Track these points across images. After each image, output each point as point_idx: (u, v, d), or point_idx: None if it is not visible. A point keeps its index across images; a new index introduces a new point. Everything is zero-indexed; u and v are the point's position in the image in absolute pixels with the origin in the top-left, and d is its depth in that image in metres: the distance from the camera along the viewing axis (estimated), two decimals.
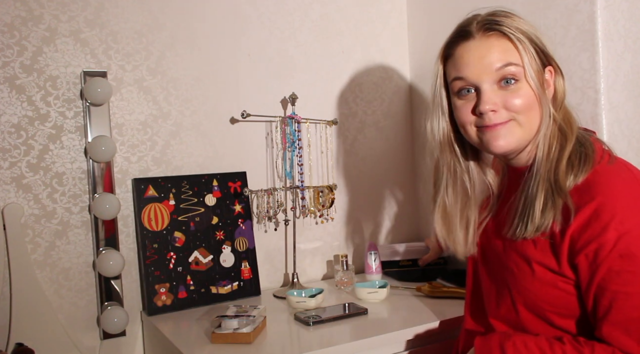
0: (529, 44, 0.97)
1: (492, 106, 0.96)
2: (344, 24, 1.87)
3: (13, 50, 1.40)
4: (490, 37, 0.97)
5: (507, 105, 0.97)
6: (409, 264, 1.69)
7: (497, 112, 0.97)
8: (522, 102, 0.96)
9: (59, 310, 1.44)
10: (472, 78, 0.98)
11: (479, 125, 0.99)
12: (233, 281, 1.59)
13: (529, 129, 0.98)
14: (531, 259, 0.98)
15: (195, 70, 1.63)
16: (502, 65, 0.96)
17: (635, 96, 1.33)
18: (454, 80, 1.01)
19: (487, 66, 0.96)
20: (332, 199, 1.68)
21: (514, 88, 0.97)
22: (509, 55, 0.96)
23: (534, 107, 0.98)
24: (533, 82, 0.97)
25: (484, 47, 0.97)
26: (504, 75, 0.96)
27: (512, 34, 0.97)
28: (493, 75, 0.97)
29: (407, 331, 1.26)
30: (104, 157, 1.44)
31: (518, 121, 0.98)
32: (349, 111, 1.87)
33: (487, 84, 0.97)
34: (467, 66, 0.98)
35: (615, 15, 1.33)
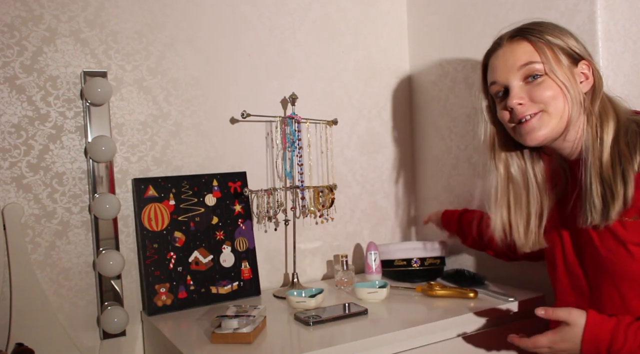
0: (551, 45, 1.08)
1: (519, 99, 1.08)
2: (344, 24, 1.87)
3: (13, 50, 1.41)
4: (514, 43, 1.11)
5: (533, 97, 1.08)
6: (409, 265, 1.69)
7: (524, 105, 1.08)
8: (546, 93, 1.07)
9: (59, 310, 1.44)
10: (501, 80, 1.12)
11: (514, 121, 1.11)
12: (233, 281, 1.59)
13: (559, 118, 1.07)
14: (626, 241, 1.02)
15: (195, 70, 1.63)
16: (524, 63, 1.08)
17: (635, 96, 1.33)
18: (491, 85, 1.15)
19: (512, 66, 1.10)
20: (332, 199, 1.68)
21: (538, 81, 1.08)
22: (531, 55, 1.08)
23: (560, 98, 1.07)
24: (557, 75, 1.06)
25: (509, 51, 1.11)
26: (528, 72, 1.08)
27: (532, 37, 1.09)
28: (517, 73, 1.09)
29: (407, 331, 1.26)
30: (104, 157, 1.44)
31: (547, 111, 1.07)
32: (349, 110, 1.87)
33: (514, 82, 1.10)
34: (497, 70, 1.13)
35: (615, 15, 1.33)
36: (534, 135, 1.09)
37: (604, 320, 1.04)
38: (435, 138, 1.89)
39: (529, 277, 1.54)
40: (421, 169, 1.96)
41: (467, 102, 1.74)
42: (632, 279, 1.05)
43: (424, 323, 1.28)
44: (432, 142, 1.90)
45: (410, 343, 1.27)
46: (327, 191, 1.68)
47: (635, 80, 1.33)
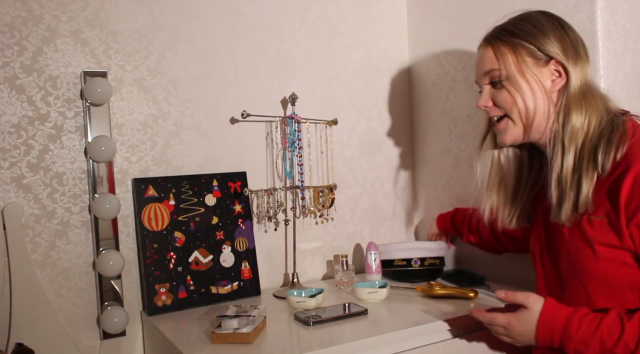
0: (516, 49, 1.10)
1: (484, 102, 1.16)
2: (344, 24, 1.87)
3: (13, 50, 1.41)
4: (482, 48, 1.17)
5: (496, 102, 1.15)
6: (409, 265, 1.69)
7: (489, 108, 1.16)
8: (504, 98, 1.13)
9: (59, 310, 1.44)
10: (477, 81, 1.20)
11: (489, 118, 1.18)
12: (233, 281, 1.59)
13: (523, 121, 1.12)
14: (593, 241, 1.04)
15: (195, 70, 1.63)
16: (486, 71, 1.15)
17: (635, 96, 1.33)
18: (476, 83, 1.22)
19: (480, 71, 1.17)
20: (332, 199, 1.68)
21: (499, 88, 1.14)
22: (491, 63, 1.14)
23: (520, 102, 1.11)
24: (517, 81, 1.10)
25: (479, 56, 1.18)
26: (490, 78, 1.15)
27: (498, 41, 1.13)
28: (484, 78, 1.16)
29: (407, 331, 1.26)
30: (104, 157, 1.44)
31: (510, 116, 1.13)
32: (349, 111, 1.87)
33: (484, 86, 1.18)
34: (475, 72, 1.21)
35: (615, 15, 1.33)
36: (501, 138, 1.17)
37: (561, 308, 1.05)
38: (435, 138, 1.89)
39: (529, 277, 1.54)
40: (421, 169, 1.96)
41: (467, 102, 1.74)
42: (597, 278, 1.06)
43: (424, 323, 1.28)
44: (432, 142, 1.90)
45: (410, 343, 1.27)
46: (327, 191, 1.68)
47: (635, 80, 1.33)
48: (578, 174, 1.03)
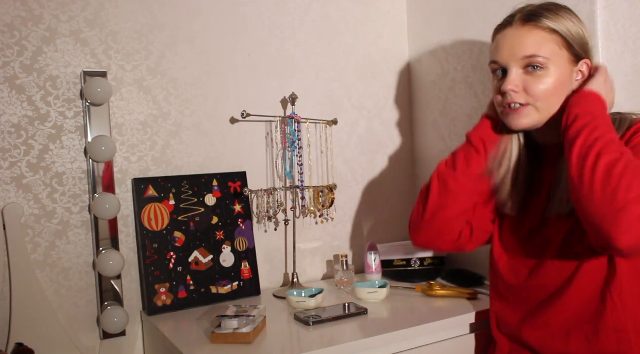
0: (561, 39, 1.09)
1: (514, 87, 1.09)
2: (344, 24, 1.87)
3: (13, 50, 1.40)
4: (525, 27, 1.10)
5: (528, 89, 1.09)
6: (409, 265, 1.69)
7: (518, 93, 1.10)
8: (542, 88, 1.08)
9: (59, 310, 1.44)
10: (502, 62, 1.12)
11: (503, 105, 1.13)
12: (233, 281, 1.59)
13: (547, 114, 1.10)
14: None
15: (195, 70, 1.63)
16: (529, 55, 1.08)
17: (635, 96, 1.33)
18: (490, 63, 1.16)
19: (516, 53, 1.09)
20: (332, 199, 1.68)
21: (539, 75, 1.08)
22: (538, 48, 1.08)
23: (554, 95, 1.09)
24: (557, 73, 1.08)
25: (518, 35, 1.10)
26: (530, 63, 1.08)
27: (546, 24, 1.08)
28: (520, 61, 1.09)
29: (407, 331, 1.26)
30: (104, 157, 1.44)
31: (536, 107, 1.10)
32: (349, 111, 1.87)
33: (514, 68, 1.10)
34: (500, 51, 1.12)
35: (615, 15, 1.33)
36: (517, 122, 1.12)
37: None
38: (435, 138, 1.89)
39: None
40: (421, 169, 1.96)
41: (467, 102, 1.74)
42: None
43: (424, 323, 1.28)
44: (432, 142, 1.90)
45: (410, 343, 1.27)
46: (327, 191, 1.68)
47: (635, 80, 1.33)
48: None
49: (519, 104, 1.10)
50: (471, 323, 1.34)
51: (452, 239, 1.27)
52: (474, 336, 1.35)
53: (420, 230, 1.28)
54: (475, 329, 1.35)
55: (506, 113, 1.14)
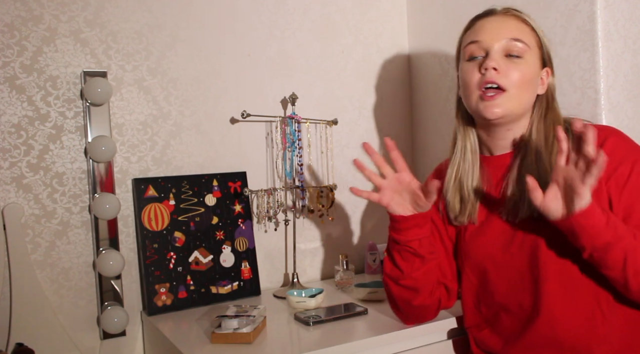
0: (537, 38, 1.13)
1: (496, 64, 1.08)
2: (344, 24, 1.87)
3: (13, 50, 1.41)
4: (509, 16, 1.13)
5: (507, 73, 1.08)
6: None
7: (499, 73, 1.08)
8: (519, 75, 1.08)
9: (59, 310, 1.44)
10: (484, 42, 1.11)
11: (481, 84, 1.09)
12: (233, 281, 1.59)
13: (518, 104, 1.10)
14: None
15: (195, 71, 1.63)
16: (514, 38, 1.10)
17: (635, 96, 1.33)
18: (468, 44, 1.14)
19: (500, 35, 1.10)
20: (332, 199, 1.68)
21: (517, 61, 1.09)
22: (521, 34, 1.10)
23: (527, 86, 1.10)
24: (531, 66, 1.10)
25: (502, 20, 1.12)
26: (512, 48, 1.09)
27: (528, 20, 1.13)
28: (503, 44, 1.10)
29: (407, 331, 1.26)
30: (104, 157, 1.44)
31: (512, 93, 1.09)
32: (349, 110, 1.87)
33: (496, 49, 1.10)
34: (483, 33, 1.12)
35: (615, 15, 1.33)
36: (492, 110, 1.09)
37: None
38: (435, 138, 1.89)
39: None
40: (421, 169, 1.96)
41: None
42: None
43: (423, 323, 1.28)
44: (432, 142, 1.90)
45: (410, 343, 1.27)
46: (327, 191, 1.68)
47: (635, 80, 1.33)
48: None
49: (497, 87, 1.08)
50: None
51: (434, 310, 1.25)
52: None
53: (405, 320, 1.27)
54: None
55: (481, 99, 1.10)
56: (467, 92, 1.13)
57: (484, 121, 1.14)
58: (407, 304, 1.22)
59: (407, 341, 1.26)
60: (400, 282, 1.19)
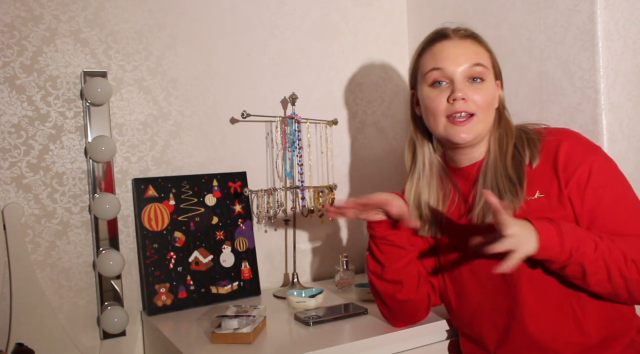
0: (491, 57, 1.17)
1: (463, 94, 1.10)
2: (344, 24, 1.87)
3: (13, 50, 1.41)
4: (466, 40, 1.14)
5: (473, 98, 1.11)
6: None
7: (466, 102, 1.11)
8: (483, 98, 1.11)
9: (59, 310, 1.44)
10: (448, 69, 1.12)
11: (450, 113, 1.12)
12: (233, 281, 1.59)
13: (485, 125, 1.14)
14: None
15: (195, 70, 1.63)
16: (474, 63, 1.12)
17: (635, 96, 1.33)
18: (431, 70, 1.14)
19: (462, 61, 1.11)
20: (332, 199, 1.68)
21: (479, 86, 1.12)
22: (480, 57, 1.13)
23: (490, 107, 1.14)
24: (491, 86, 1.14)
25: (460, 45, 1.13)
26: (473, 73, 1.12)
27: (482, 42, 1.16)
28: (465, 70, 1.11)
29: (407, 331, 1.26)
30: (104, 157, 1.44)
31: (479, 117, 1.12)
32: (349, 110, 1.87)
33: (460, 76, 1.12)
34: (444, 59, 1.12)
35: (615, 15, 1.33)
36: (461, 136, 1.11)
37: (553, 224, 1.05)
38: None
39: None
40: None
41: None
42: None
43: (424, 323, 1.28)
44: None
45: (410, 343, 1.27)
46: (327, 191, 1.68)
47: (635, 80, 1.33)
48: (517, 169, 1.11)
49: (466, 114, 1.11)
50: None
51: (424, 307, 1.26)
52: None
53: (395, 321, 1.27)
54: None
55: (450, 126, 1.12)
56: (434, 119, 1.15)
57: (451, 145, 1.17)
58: (392, 299, 1.22)
59: (406, 341, 1.26)
60: (384, 276, 1.21)
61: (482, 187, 1.13)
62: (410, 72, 1.23)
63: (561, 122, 1.41)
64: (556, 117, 1.42)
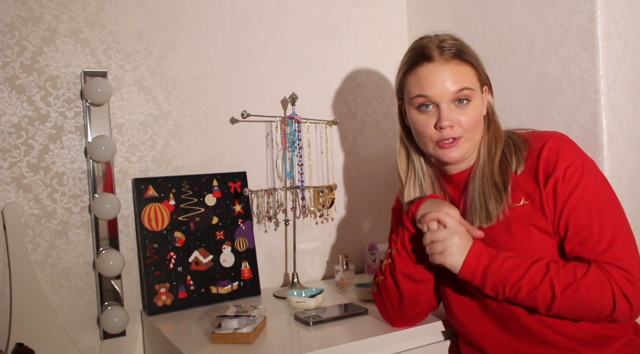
0: (476, 71, 1.16)
1: (450, 122, 1.12)
2: (344, 24, 1.87)
3: (13, 50, 1.41)
4: (450, 63, 1.13)
5: (459, 122, 1.13)
6: None
7: (453, 128, 1.13)
8: (469, 120, 1.13)
9: (59, 310, 1.44)
10: (434, 98, 1.12)
11: (438, 139, 1.14)
12: (233, 281, 1.59)
13: (474, 143, 1.16)
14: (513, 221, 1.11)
15: (195, 70, 1.63)
16: (460, 88, 1.12)
17: (635, 96, 1.33)
18: (417, 97, 1.15)
19: (448, 88, 1.12)
20: (332, 199, 1.68)
21: (465, 107, 1.13)
22: (466, 80, 1.13)
23: (477, 124, 1.15)
24: (477, 103, 1.15)
25: (444, 70, 1.12)
26: (460, 97, 1.12)
27: (467, 59, 1.14)
28: (451, 96, 1.12)
29: (407, 331, 1.26)
30: (104, 157, 1.44)
31: (466, 137, 1.14)
32: (349, 111, 1.87)
33: (446, 104, 1.12)
34: (430, 87, 1.12)
35: (615, 15, 1.33)
36: (451, 155, 1.15)
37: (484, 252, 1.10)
38: None
39: None
40: None
41: None
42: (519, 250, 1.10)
43: (423, 323, 1.28)
44: None
45: (410, 343, 1.27)
46: (327, 191, 1.68)
47: (635, 80, 1.33)
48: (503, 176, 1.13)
49: (452, 139, 1.13)
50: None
51: (428, 308, 1.28)
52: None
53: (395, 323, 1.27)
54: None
55: (439, 147, 1.15)
56: (423, 141, 1.18)
57: (441, 163, 1.20)
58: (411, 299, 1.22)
59: (406, 341, 1.26)
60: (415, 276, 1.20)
61: (471, 194, 1.16)
62: (396, 86, 1.23)
63: (561, 122, 1.41)
64: (556, 117, 1.42)
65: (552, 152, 1.09)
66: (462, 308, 1.20)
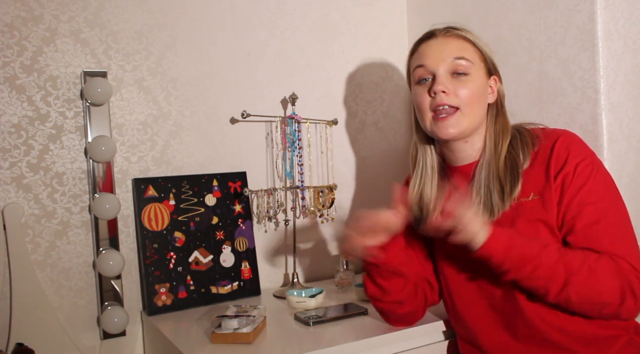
0: (479, 51, 1.16)
1: (444, 87, 1.12)
2: (344, 24, 1.87)
3: (13, 50, 1.41)
4: (450, 37, 1.16)
5: (457, 92, 1.13)
6: None
7: (448, 95, 1.12)
8: (467, 92, 1.13)
9: (59, 310, 1.44)
10: (431, 66, 1.14)
11: (434, 108, 1.14)
12: (233, 281, 1.59)
13: (472, 120, 1.14)
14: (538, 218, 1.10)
15: (195, 70, 1.63)
16: (456, 57, 1.13)
17: (635, 96, 1.33)
18: (416, 68, 1.18)
19: (444, 57, 1.14)
20: (332, 199, 1.68)
21: (464, 80, 1.13)
22: (463, 51, 1.14)
23: (477, 101, 1.14)
24: (478, 80, 1.15)
25: (444, 42, 1.16)
26: (457, 67, 1.13)
27: (467, 37, 1.16)
28: (448, 65, 1.13)
29: (407, 331, 1.26)
30: (104, 157, 1.44)
31: (463, 112, 1.13)
32: (349, 110, 1.87)
33: (442, 71, 1.14)
34: (427, 56, 1.16)
35: (615, 15, 1.33)
36: (447, 131, 1.14)
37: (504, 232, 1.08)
38: None
39: None
40: None
41: None
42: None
43: (423, 323, 1.28)
44: None
45: (410, 343, 1.27)
46: (327, 191, 1.68)
47: (635, 80, 1.33)
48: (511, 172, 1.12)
49: (449, 107, 1.13)
50: None
51: (422, 309, 1.28)
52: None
53: (394, 323, 1.28)
54: None
55: (434, 122, 1.15)
56: (421, 115, 1.18)
57: (440, 141, 1.20)
58: (393, 314, 1.26)
59: (406, 341, 1.26)
60: (385, 299, 1.22)
61: (476, 187, 1.15)
62: (406, 73, 1.26)
63: (561, 122, 1.41)
64: (556, 117, 1.42)
65: (564, 148, 1.10)
66: (466, 302, 1.20)
